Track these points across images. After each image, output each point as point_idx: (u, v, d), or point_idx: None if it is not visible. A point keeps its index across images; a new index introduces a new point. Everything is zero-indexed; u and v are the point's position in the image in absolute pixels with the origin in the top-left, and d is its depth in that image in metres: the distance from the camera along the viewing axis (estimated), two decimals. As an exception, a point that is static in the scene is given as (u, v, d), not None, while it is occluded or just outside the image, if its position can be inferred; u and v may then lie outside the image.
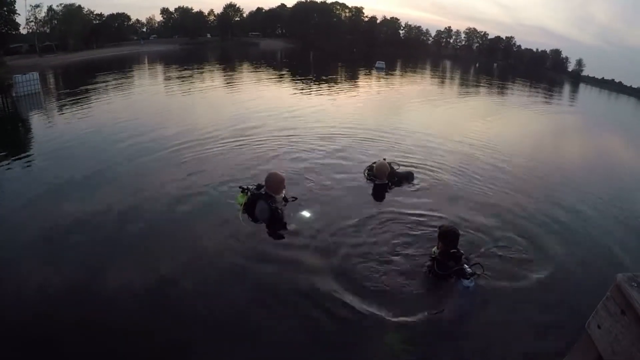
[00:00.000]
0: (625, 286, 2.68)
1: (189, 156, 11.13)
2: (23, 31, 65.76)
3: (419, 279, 5.90)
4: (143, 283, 5.65)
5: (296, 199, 7.81)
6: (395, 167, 9.77)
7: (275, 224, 7.12)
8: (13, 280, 5.69)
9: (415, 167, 10.79)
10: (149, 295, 5.46)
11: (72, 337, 4.73)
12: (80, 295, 5.39)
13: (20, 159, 11.13)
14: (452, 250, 5.74)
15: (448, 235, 5.81)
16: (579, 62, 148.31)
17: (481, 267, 5.69)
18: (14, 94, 24.71)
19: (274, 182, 7.28)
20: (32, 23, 70.89)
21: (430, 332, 5.14)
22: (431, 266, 5.84)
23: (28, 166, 10.60)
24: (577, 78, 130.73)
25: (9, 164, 10.61)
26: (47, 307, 5.16)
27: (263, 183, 7.37)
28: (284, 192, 7.52)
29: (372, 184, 9.45)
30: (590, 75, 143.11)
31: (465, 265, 5.63)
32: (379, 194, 9.14)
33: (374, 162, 9.80)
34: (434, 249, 6.07)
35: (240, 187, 7.45)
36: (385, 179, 9.38)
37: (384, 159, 9.80)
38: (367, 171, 9.85)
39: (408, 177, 9.89)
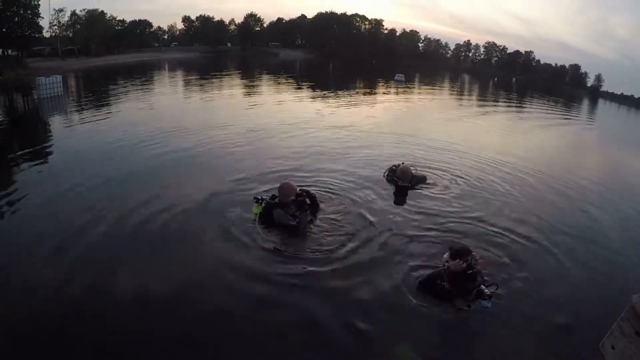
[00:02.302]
0: (641, 307, 2.63)
1: (209, 162, 11.33)
2: (46, 34, 66.77)
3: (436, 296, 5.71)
4: (158, 285, 5.68)
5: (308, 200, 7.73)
6: (413, 170, 10.10)
7: (293, 230, 7.16)
8: (31, 280, 5.72)
9: (434, 172, 11.17)
10: (164, 297, 5.48)
11: (90, 335, 4.76)
12: (97, 295, 5.44)
13: (40, 160, 11.27)
14: (468, 272, 5.50)
15: (461, 255, 5.54)
16: (598, 77, 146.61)
17: (496, 285, 5.52)
18: (35, 96, 25.02)
19: (286, 192, 7.39)
20: (55, 27, 72.17)
21: (441, 347, 5.10)
22: (449, 288, 5.57)
23: (49, 168, 10.69)
24: (596, 93, 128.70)
25: (30, 165, 10.76)
26: (60, 305, 5.21)
27: (277, 195, 7.51)
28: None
29: (394, 186, 9.84)
30: (609, 90, 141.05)
31: (483, 286, 5.41)
32: (401, 196, 9.46)
33: (395, 165, 10.24)
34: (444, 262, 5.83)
35: (254, 198, 7.58)
36: (408, 181, 9.77)
37: (403, 163, 10.26)
38: (388, 173, 10.28)
39: (422, 180, 10.31)
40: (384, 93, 41.27)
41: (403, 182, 9.77)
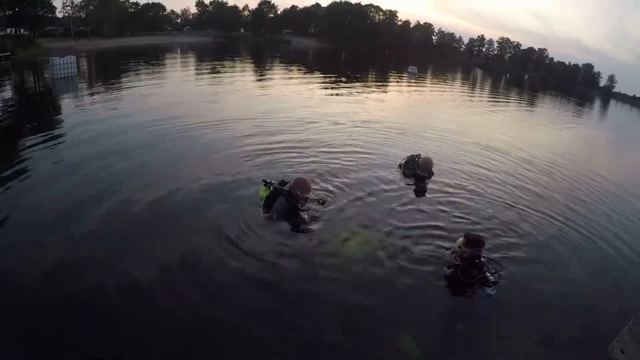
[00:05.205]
0: (655, 311, 2.60)
1: (217, 149, 11.24)
2: (59, 15, 66.69)
3: (441, 283, 5.88)
4: (153, 268, 5.73)
5: (324, 203, 7.75)
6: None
7: (295, 221, 7.15)
8: (30, 259, 5.77)
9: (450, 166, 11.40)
10: (155, 275, 5.59)
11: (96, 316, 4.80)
12: (97, 275, 5.47)
13: (52, 141, 11.22)
14: (476, 260, 5.71)
15: (475, 245, 5.76)
16: (611, 78, 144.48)
17: (499, 275, 5.75)
18: (46, 76, 24.99)
19: (301, 188, 7.20)
20: (68, 7, 71.64)
21: (446, 337, 5.18)
22: (454, 273, 5.79)
23: (60, 148, 10.65)
24: (608, 94, 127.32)
25: (43, 145, 10.74)
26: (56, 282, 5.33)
27: (287, 180, 7.44)
28: (310, 194, 7.44)
29: (411, 177, 9.99)
30: (622, 92, 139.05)
31: (488, 274, 5.65)
32: (419, 186, 9.65)
33: (415, 155, 10.33)
34: (456, 246, 6.07)
35: (263, 181, 7.49)
36: (427, 172, 10.00)
37: (420, 155, 10.33)
38: (406, 161, 10.29)
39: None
40: (397, 84, 41.08)
41: (422, 172, 9.96)
